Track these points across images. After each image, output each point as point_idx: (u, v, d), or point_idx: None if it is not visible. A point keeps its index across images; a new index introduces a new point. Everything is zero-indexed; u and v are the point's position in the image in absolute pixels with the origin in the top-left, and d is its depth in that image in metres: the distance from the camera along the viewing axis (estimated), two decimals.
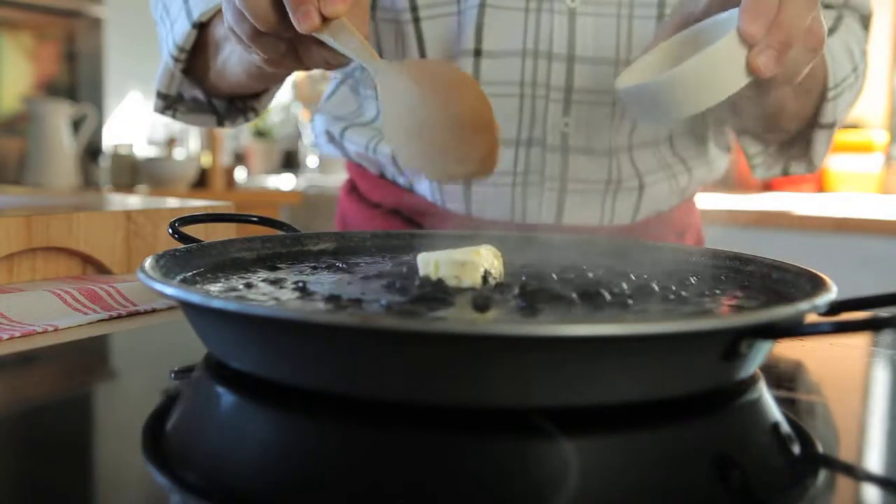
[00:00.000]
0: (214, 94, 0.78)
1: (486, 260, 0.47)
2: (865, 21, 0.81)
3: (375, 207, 0.86)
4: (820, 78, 0.70)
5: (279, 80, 0.75)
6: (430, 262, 0.47)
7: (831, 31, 0.75)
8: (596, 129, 0.75)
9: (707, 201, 1.01)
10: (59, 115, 2.37)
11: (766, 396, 0.40)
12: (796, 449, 0.35)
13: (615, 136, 0.75)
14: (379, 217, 0.85)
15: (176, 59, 0.73)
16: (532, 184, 0.75)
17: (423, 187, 0.80)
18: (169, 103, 0.78)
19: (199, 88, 0.78)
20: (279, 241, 0.58)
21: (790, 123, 0.74)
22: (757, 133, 0.78)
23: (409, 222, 0.82)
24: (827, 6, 0.79)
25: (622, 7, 0.73)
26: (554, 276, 0.50)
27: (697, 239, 0.90)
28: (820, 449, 0.34)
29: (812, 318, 0.40)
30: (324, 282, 0.49)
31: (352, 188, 0.90)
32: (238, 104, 0.80)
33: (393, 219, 0.84)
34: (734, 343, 0.36)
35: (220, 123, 0.81)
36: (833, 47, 0.73)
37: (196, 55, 0.74)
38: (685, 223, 0.86)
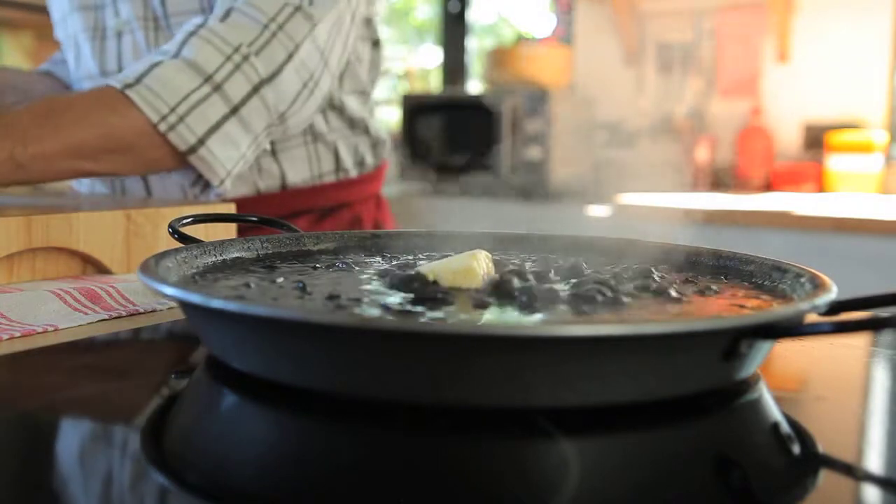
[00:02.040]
0: None
1: (482, 264, 0.48)
2: None
3: None
4: (132, 132, 0.74)
5: None
6: (429, 275, 0.47)
7: (181, 46, 0.78)
8: None
9: (710, 201, 1.03)
10: None
11: (766, 396, 0.40)
12: (796, 449, 0.35)
13: None
14: None
15: None
16: None
17: None
18: None
19: None
20: (279, 241, 0.58)
21: (140, 171, 0.82)
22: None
23: None
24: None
25: (147, 21, 0.87)
26: (552, 276, 0.50)
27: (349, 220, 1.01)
28: (820, 449, 0.34)
29: (812, 318, 0.40)
30: (324, 282, 0.49)
31: None
32: None
33: None
34: (734, 343, 0.36)
35: None
36: (162, 76, 0.75)
37: None
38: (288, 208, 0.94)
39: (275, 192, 0.94)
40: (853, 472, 0.33)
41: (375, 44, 1.02)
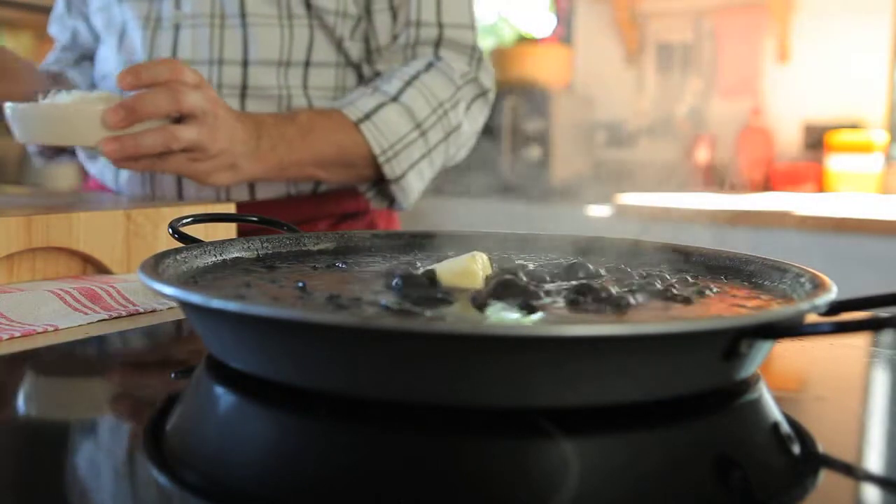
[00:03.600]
0: None
1: (481, 266, 0.48)
2: (468, 51, 0.99)
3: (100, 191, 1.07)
4: (360, 152, 0.90)
5: None
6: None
7: (399, 93, 0.92)
8: None
9: (710, 201, 1.07)
10: None
11: (766, 396, 0.40)
12: (796, 449, 0.35)
13: None
14: None
15: None
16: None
17: (96, 172, 1.02)
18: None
19: None
20: (279, 241, 0.58)
21: (352, 182, 0.96)
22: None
23: None
24: (413, 47, 0.97)
25: (214, 17, 0.93)
26: (552, 276, 0.50)
27: (366, 226, 1.08)
28: (820, 449, 0.34)
29: (812, 318, 0.40)
30: (324, 282, 0.49)
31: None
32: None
33: None
34: (734, 343, 0.36)
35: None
36: (387, 116, 0.91)
37: None
38: (345, 207, 1.03)
39: (304, 197, 0.98)
40: (853, 472, 0.33)
41: None
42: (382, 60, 0.99)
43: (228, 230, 0.73)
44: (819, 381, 0.47)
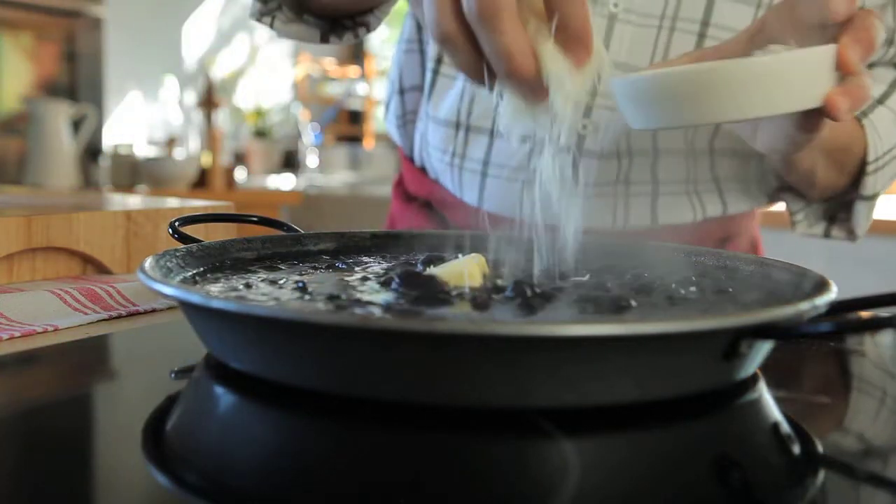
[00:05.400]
0: (318, 8, 0.74)
1: (481, 268, 0.48)
2: None
3: (413, 200, 0.88)
4: (856, 152, 0.71)
5: None
6: None
7: (884, 97, 0.75)
8: (613, 133, 0.74)
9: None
10: (59, 115, 2.37)
11: (766, 396, 0.40)
12: (796, 449, 0.35)
13: (634, 141, 0.75)
14: (414, 210, 0.88)
15: None
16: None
17: (446, 179, 0.82)
18: (268, 9, 0.73)
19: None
20: (279, 241, 0.58)
21: (824, 193, 0.76)
22: (798, 191, 0.78)
23: (437, 214, 0.85)
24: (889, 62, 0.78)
25: (664, 19, 0.71)
26: (553, 276, 0.50)
27: (748, 247, 0.88)
28: (820, 449, 0.34)
29: (812, 317, 0.40)
30: (324, 282, 0.49)
31: (398, 182, 0.92)
32: (346, 22, 0.76)
33: (425, 211, 0.87)
34: (734, 343, 0.36)
35: (325, 39, 0.77)
36: (880, 118, 0.72)
37: None
38: (727, 231, 0.83)
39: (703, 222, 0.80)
40: (853, 472, 0.33)
41: None
42: None
43: (228, 230, 0.73)
44: (819, 381, 0.47)
